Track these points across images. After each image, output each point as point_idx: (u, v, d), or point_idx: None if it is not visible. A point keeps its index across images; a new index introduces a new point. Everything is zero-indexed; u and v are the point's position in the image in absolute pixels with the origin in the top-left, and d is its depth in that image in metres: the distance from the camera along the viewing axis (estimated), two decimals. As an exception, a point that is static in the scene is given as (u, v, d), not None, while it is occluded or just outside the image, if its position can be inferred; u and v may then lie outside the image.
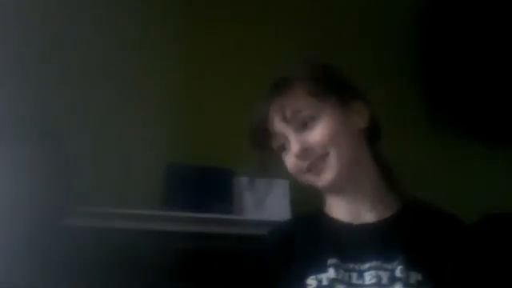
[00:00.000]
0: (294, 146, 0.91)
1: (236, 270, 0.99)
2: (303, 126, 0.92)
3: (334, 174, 0.91)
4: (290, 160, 0.94)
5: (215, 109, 1.99)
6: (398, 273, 0.83)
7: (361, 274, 0.86)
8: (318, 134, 0.91)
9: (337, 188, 0.94)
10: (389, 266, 0.85)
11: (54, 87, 1.78)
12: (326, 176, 0.92)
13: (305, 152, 0.91)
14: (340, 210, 0.97)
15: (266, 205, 1.81)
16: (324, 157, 0.91)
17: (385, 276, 0.84)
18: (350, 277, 0.86)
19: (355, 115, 0.96)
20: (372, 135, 0.98)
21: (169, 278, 1.55)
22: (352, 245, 0.90)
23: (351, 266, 0.87)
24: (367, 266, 0.87)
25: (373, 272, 0.85)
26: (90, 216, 1.59)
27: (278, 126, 0.94)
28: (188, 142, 1.90)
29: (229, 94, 2.03)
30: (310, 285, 0.86)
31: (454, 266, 0.87)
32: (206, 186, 1.89)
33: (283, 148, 0.95)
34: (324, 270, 0.87)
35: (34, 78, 1.76)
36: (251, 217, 1.81)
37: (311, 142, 0.91)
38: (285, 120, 0.92)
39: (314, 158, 0.91)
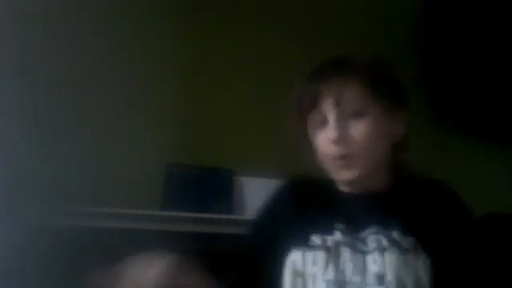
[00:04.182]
0: (333, 131, 0.90)
1: (236, 269, 0.99)
2: (348, 115, 0.91)
3: (356, 175, 0.92)
4: (322, 139, 0.93)
5: (215, 109, 1.99)
6: (395, 236, 0.86)
7: (364, 242, 0.88)
8: (360, 130, 0.90)
9: (350, 184, 0.96)
10: (386, 232, 0.88)
11: (53, 87, 1.78)
12: (348, 174, 0.92)
13: (340, 141, 0.90)
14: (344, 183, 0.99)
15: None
16: (353, 155, 0.90)
17: (383, 240, 0.87)
18: (354, 244, 0.88)
19: (395, 125, 0.95)
20: (398, 147, 0.97)
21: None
22: (355, 213, 0.92)
23: (355, 234, 0.89)
24: (368, 231, 0.89)
25: (373, 236, 0.88)
26: (90, 216, 1.59)
27: (325, 103, 0.92)
28: (188, 142, 1.91)
29: (229, 95, 2.03)
30: (315, 241, 0.89)
31: (444, 231, 0.90)
32: (206, 185, 1.89)
33: (319, 124, 0.94)
34: (330, 232, 0.89)
35: (34, 79, 1.76)
36: (251, 217, 1.81)
37: (350, 134, 0.90)
38: (336, 103, 0.90)
39: (345, 151, 0.90)
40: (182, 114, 1.91)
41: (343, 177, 0.93)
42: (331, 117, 0.91)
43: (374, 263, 0.85)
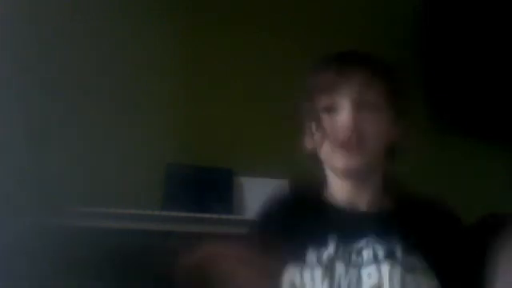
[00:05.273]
0: (348, 118, 0.90)
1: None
2: (364, 106, 0.91)
3: (356, 164, 0.92)
4: (331, 124, 0.92)
5: (215, 109, 1.99)
6: (398, 252, 0.85)
7: (359, 253, 0.88)
8: (372, 123, 0.91)
9: (348, 174, 0.95)
10: (384, 243, 0.87)
11: (53, 87, 1.78)
12: (349, 162, 0.91)
13: (353, 129, 0.89)
14: (341, 195, 0.98)
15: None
16: (360, 145, 0.91)
17: (380, 251, 0.86)
18: (349, 257, 0.88)
19: (395, 129, 0.96)
20: (390, 151, 0.98)
21: (168, 277, 1.55)
22: (350, 229, 0.91)
23: (349, 246, 0.89)
24: (363, 242, 0.88)
25: (368, 248, 0.87)
26: (90, 216, 1.59)
27: (346, 89, 0.91)
28: (188, 142, 1.90)
29: (229, 94, 2.03)
30: (310, 257, 0.89)
31: (448, 253, 0.89)
32: (206, 185, 1.89)
33: (330, 108, 0.93)
34: (325, 245, 0.89)
35: (34, 79, 1.76)
36: (251, 217, 1.81)
37: (362, 124, 0.90)
38: (359, 91, 0.91)
39: (354, 140, 0.90)
40: (182, 114, 1.91)
41: (344, 164, 0.93)
42: (348, 103, 0.91)
43: (370, 277, 0.84)
